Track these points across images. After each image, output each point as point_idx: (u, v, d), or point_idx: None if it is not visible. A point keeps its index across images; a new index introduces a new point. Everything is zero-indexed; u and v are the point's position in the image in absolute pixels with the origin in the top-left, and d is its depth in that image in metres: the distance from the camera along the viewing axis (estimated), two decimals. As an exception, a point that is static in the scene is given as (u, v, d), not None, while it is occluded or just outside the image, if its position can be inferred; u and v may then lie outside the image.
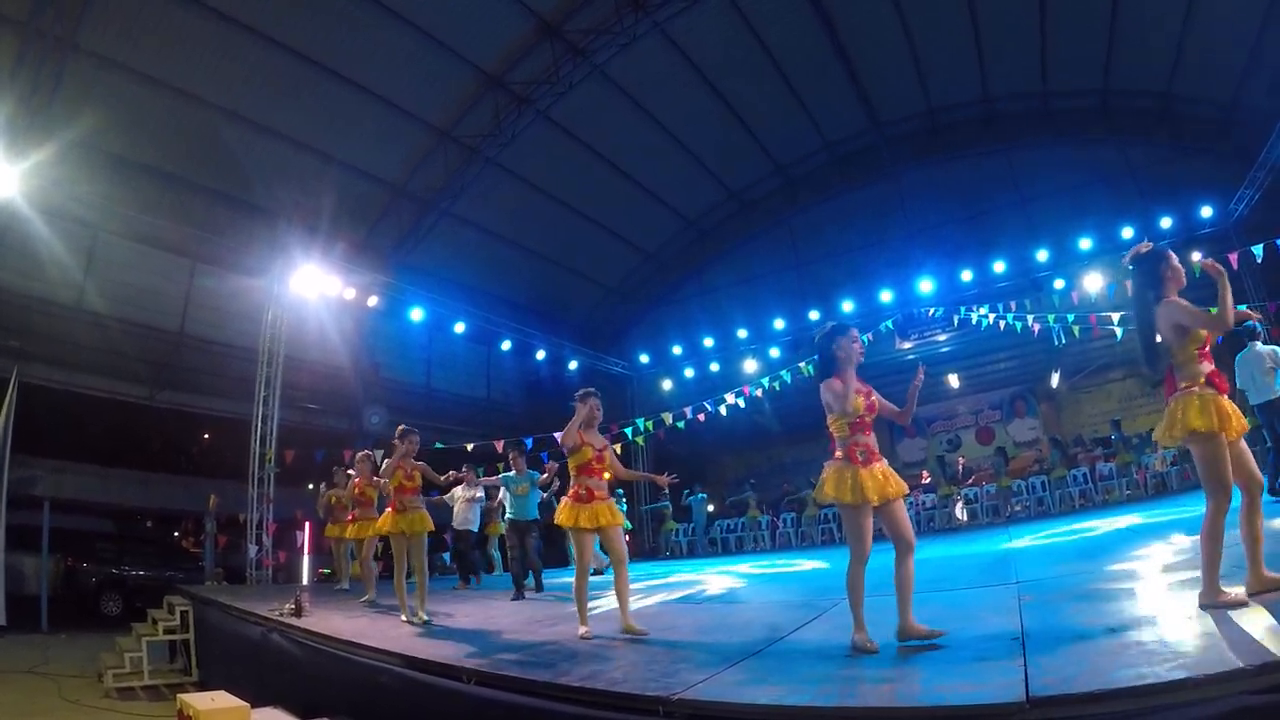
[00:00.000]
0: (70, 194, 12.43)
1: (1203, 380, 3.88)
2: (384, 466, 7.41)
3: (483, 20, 14.31)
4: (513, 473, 9.83)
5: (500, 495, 11.00)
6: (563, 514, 5.54)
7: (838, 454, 4.40)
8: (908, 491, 4.51)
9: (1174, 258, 4.17)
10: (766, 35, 16.12)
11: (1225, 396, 3.85)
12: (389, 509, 7.21)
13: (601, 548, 6.01)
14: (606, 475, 5.78)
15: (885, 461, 4.40)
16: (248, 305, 14.28)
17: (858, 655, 4.02)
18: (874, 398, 4.49)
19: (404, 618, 6.93)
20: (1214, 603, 3.63)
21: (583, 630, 5.34)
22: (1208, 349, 3.96)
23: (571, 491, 5.59)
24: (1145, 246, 4.31)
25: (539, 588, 9.60)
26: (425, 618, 6.89)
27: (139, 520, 19.93)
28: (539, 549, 10.35)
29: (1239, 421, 3.80)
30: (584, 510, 5.48)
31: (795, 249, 21.91)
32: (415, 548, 7.18)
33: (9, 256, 12.54)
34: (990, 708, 2.83)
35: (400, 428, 7.45)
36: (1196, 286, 4.41)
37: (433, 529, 7.47)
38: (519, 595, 9.04)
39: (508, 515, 9.87)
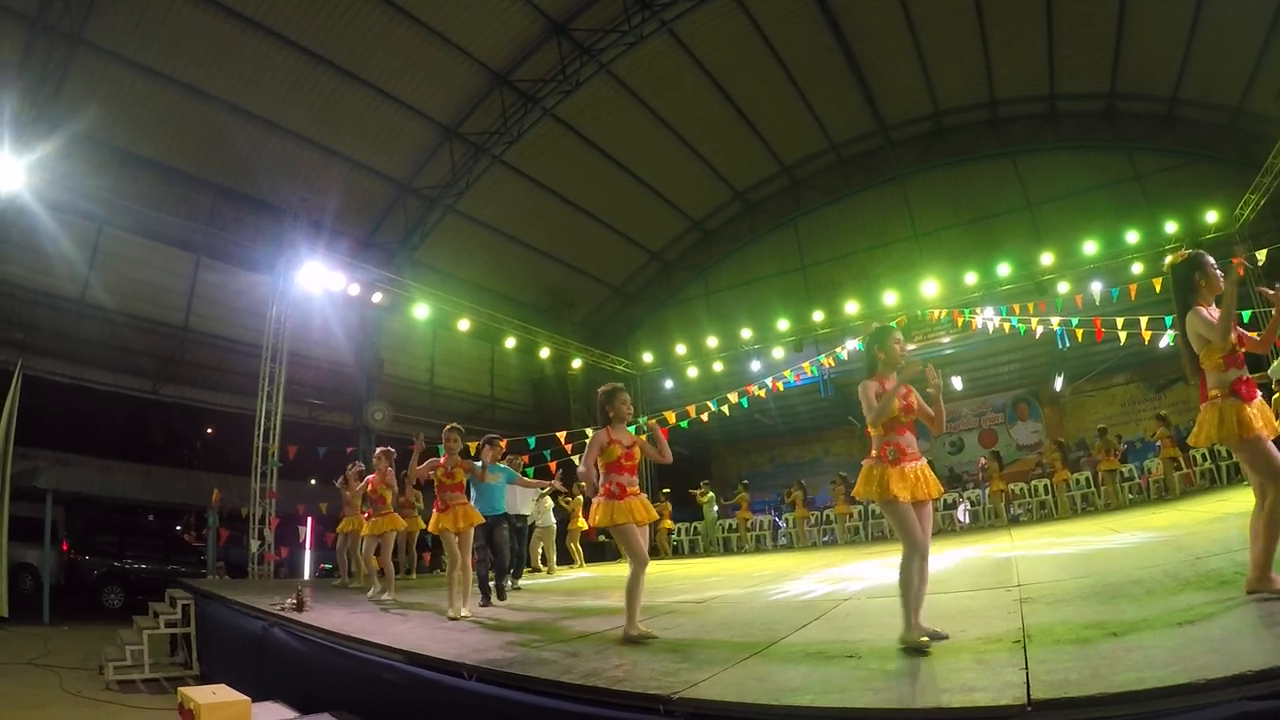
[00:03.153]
0: (76, 188, 12.45)
1: (1227, 389, 3.93)
2: (423, 464, 7.35)
3: (490, 18, 14.30)
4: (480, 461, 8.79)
5: None
6: (598, 513, 5.37)
7: (872, 453, 4.34)
8: (940, 494, 4.45)
9: (1209, 265, 4.15)
10: (773, 36, 16.11)
11: (1251, 403, 3.88)
12: (434, 508, 7.24)
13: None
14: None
15: (923, 461, 4.35)
16: (252, 300, 14.32)
17: (908, 653, 3.92)
18: (912, 398, 4.43)
19: (450, 615, 6.90)
20: (1267, 590, 3.68)
21: (635, 632, 5.13)
22: (1239, 355, 3.99)
23: (603, 489, 5.41)
24: (1184, 254, 4.30)
25: (499, 594, 8.43)
26: (466, 614, 6.94)
27: (141, 513, 19.98)
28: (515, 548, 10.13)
29: (1269, 425, 3.84)
30: (619, 506, 5.36)
31: (800, 250, 21.91)
32: (464, 544, 7.19)
33: (14, 250, 12.56)
34: (991, 710, 2.83)
35: (447, 427, 7.42)
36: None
37: (482, 522, 7.53)
38: (485, 601, 8.21)
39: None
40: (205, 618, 8.77)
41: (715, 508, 18.71)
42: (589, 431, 5.60)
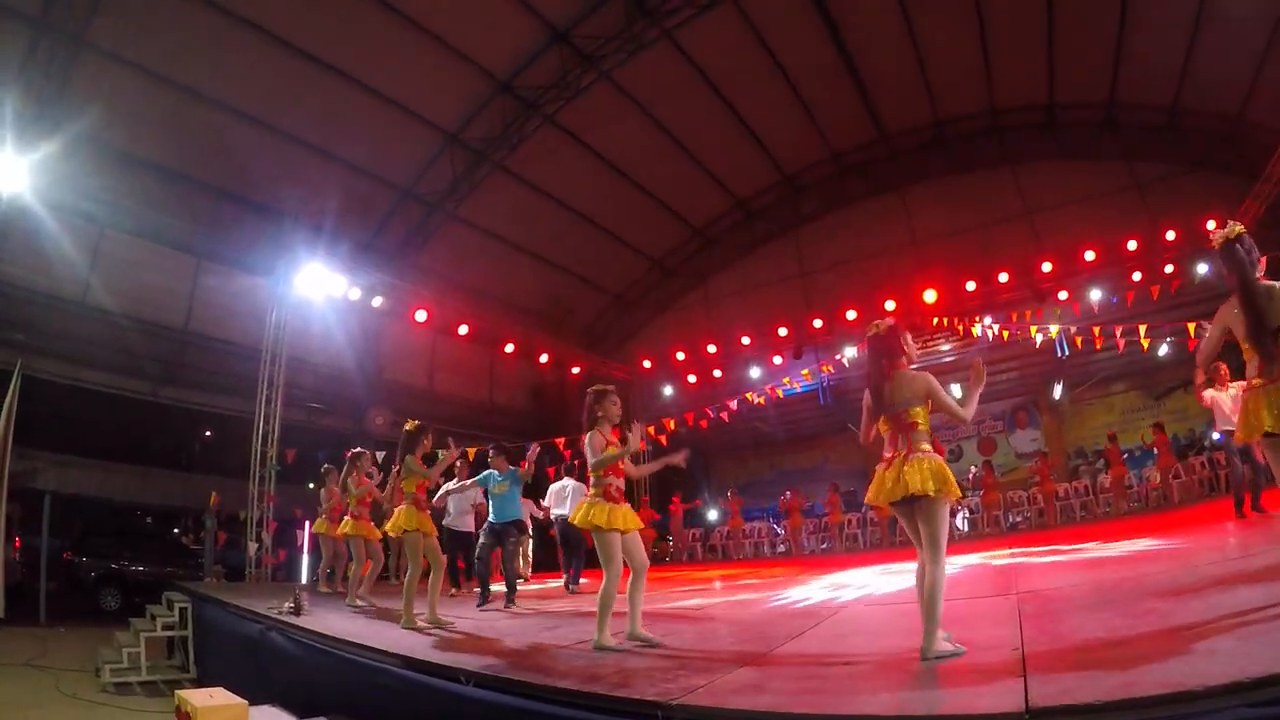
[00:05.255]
0: (77, 189, 12.47)
1: None
2: (406, 465, 7.18)
3: (492, 25, 14.33)
4: (494, 472, 9.10)
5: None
6: (593, 514, 5.26)
7: (935, 446, 4.30)
8: None
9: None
10: (775, 45, 16.13)
11: None
12: (404, 506, 7.08)
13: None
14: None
15: None
16: (252, 304, 14.31)
17: (936, 661, 3.85)
18: None
19: (420, 622, 6.78)
20: None
21: (606, 643, 5.10)
22: None
23: (602, 491, 5.38)
24: (1238, 227, 4.22)
25: (509, 600, 8.57)
26: (442, 620, 6.84)
27: (140, 515, 20.00)
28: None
29: None
30: (617, 511, 5.31)
31: (800, 258, 21.92)
32: (432, 546, 7.10)
33: (16, 250, 12.56)
34: (990, 718, 2.83)
35: (415, 423, 7.32)
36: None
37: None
38: (484, 601, 8.57)
39: (489, 519, 9.10)
40: (203, 620, 8.77)
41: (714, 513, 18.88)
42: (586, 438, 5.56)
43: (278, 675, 6.57)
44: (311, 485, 16.73)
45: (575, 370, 19.69)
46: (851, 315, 18.28)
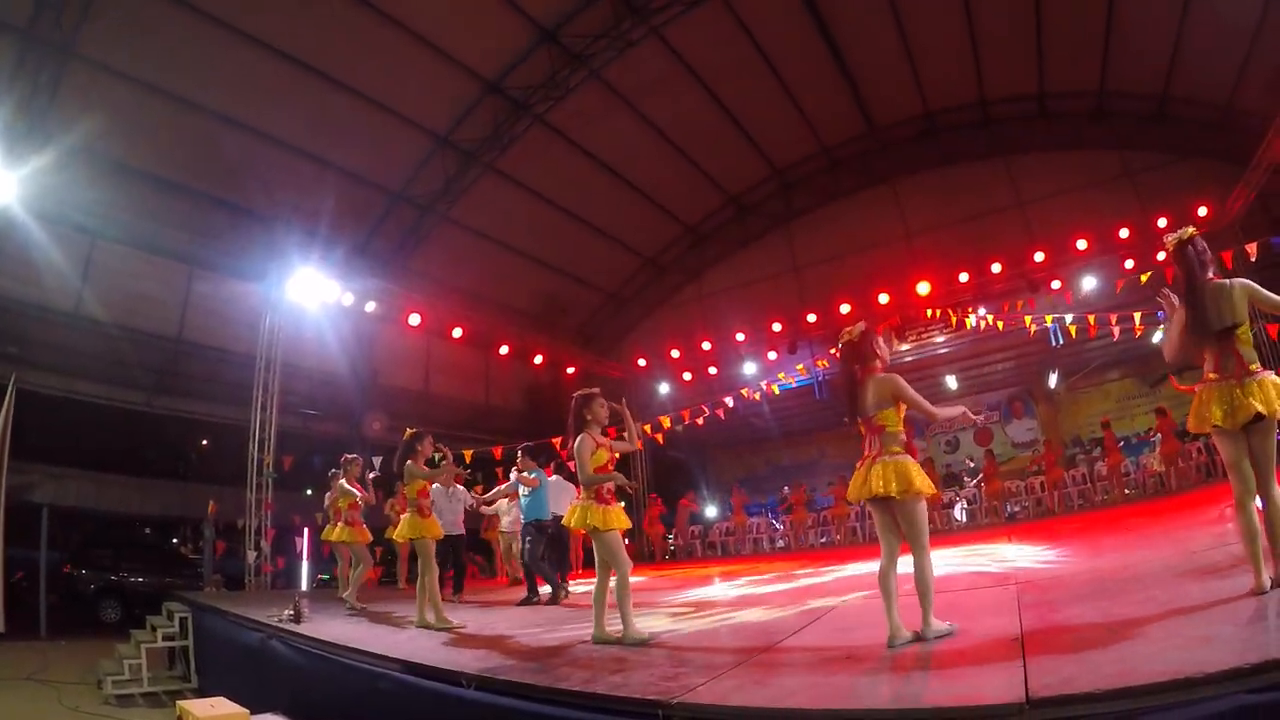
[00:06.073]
0: (68, 200, 12.41)
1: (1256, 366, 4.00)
2: (409, 470, 7.33)
3: (480, 26, 14.29)
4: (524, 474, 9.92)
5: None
6: (594, 517, 5.41)
7: (906, 448, 4.50)
8: None
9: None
10: (763, 40, 16.11)
11: None
12: (407, 514, 7.23)
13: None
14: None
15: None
16: (245, 311, 14.26)
17: (893, 651, 4.07)
18: None
19: (437, 625, 6.95)
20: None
21: (639, 637, 5.24)
22: None
23: (594, 493, 5.51)
24: (1190, 230, 4.47)
25: (556, 597, 9.12)
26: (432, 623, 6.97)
27: (138, 526, 19.96)
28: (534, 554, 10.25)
29: None
30: (611, 512, 5.47)
31: (793, 252, 21.92)
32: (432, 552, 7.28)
33: (6, 263, 12.49)
34: (989, 708, 2.83)
35: (412, 430, 7.42)
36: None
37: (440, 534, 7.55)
38: (554, 598, 9.06)
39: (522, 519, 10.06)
40: (203, 630, 8.75)
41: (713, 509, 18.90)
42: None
43: (279, 683, 6.56)
44: (310, 492, 16.77)
45: (570, 370, 19.66)
46: (845, 309, 18.24)
